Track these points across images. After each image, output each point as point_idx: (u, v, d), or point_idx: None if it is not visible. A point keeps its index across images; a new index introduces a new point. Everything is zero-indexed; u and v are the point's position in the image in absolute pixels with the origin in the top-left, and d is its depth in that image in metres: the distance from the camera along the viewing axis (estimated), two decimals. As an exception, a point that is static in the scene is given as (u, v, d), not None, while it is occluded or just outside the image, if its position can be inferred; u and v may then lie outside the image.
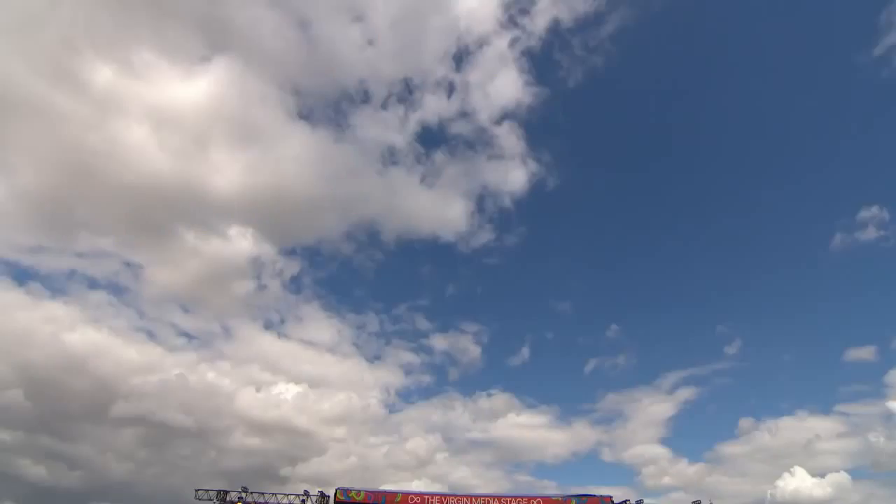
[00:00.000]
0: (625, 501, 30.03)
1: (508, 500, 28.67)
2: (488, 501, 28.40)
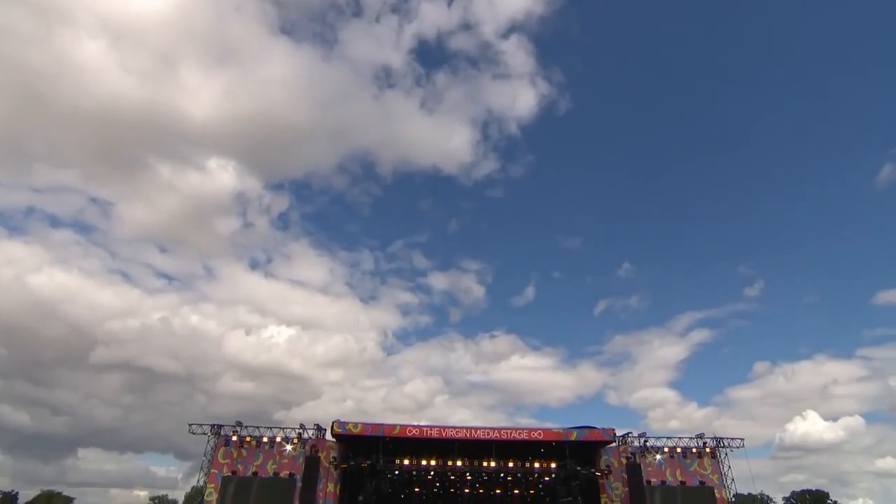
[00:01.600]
0: (627, 433, 32.46)
1: (509, 432, 30.92)
2: (488, 434, 30.65)
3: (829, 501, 64.24)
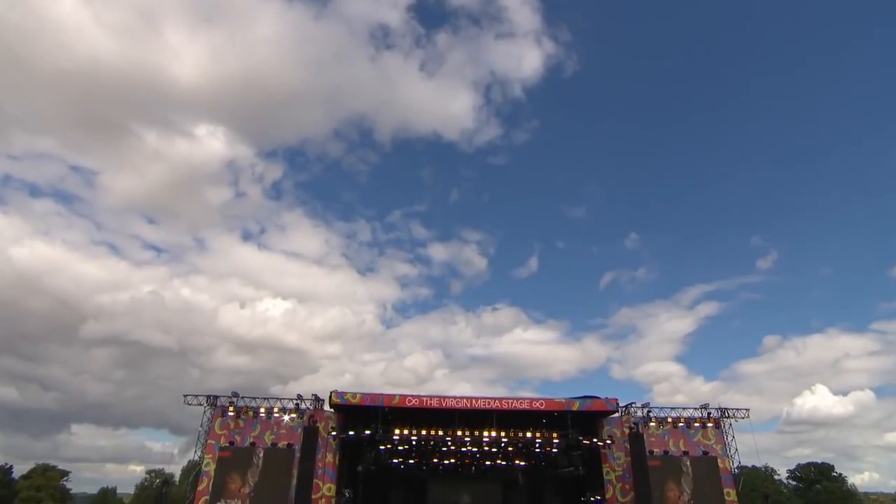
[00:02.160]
0: (630, 403, 33.15)
1: (510, 402, 31.56)
2: (488, 404, 31.28)
3: (834, 474, 65.89)
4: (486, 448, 33.15)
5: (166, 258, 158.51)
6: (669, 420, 33.28)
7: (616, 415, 33.23)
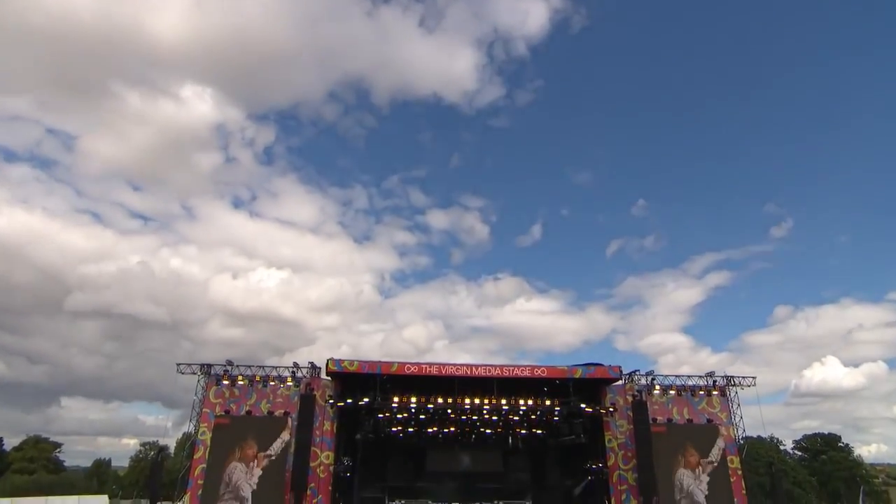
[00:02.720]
0: (634, 371, 33.75)
1: (511, 369, 32.17)
2: (489, 371, 31.89)
3: (841, 444, 67.56)
4: (487, 416, 33.91)
5: (154, 227, 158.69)
6: (674, 388, 33.96)
7: (619, 382, 33.86)
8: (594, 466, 33.52)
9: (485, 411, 32.95)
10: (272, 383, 32.37)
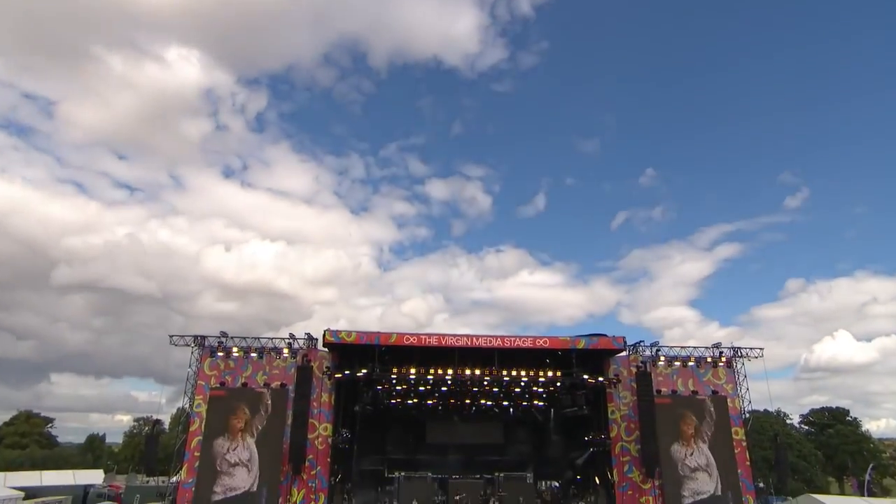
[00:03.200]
0: (639, 342, 34.22)
1: (513, 340, 32.61)
2: (490, 342, 32.32)
3: (849, 418, 68.67)
4: (488, 388, 34.47)
5: (140, 198, 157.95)
6: (679, 359, 34.42)
7: (623, 354, 34.36)
8: (596, 438, 34.22)
9: (485, 383, 33.51)
10: (268, 355, 32.85)
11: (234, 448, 31.03)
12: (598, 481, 34.13)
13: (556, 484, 39.38)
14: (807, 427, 71.36)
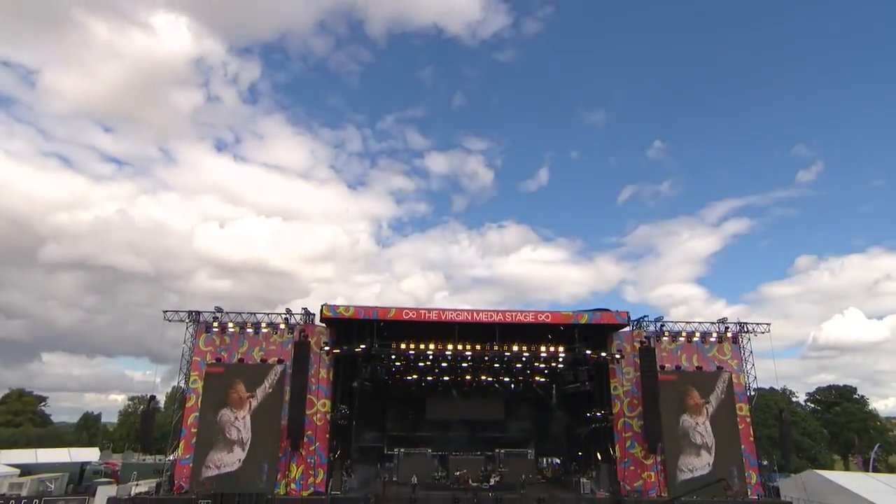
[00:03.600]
0: (643, 317, 34.61)
1: (514, 314, 32.93)
2: (491, 316, 32.66)
3: (856, 396, 69.60)
4: (488, 363, 34.92)
5: (129, 172, 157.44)
6: (683, 335, 34.78)
7: (626, 329, 34.73)
8: (598, 414, 34.78)
9: (486, 358, 33.94)
10: (264, 330, 33.24)
11: (238, 420, 31.60)
12: (599, 457, 34.79)
13: (558, 460, 40.23)
14: (813, 405, 72.38)
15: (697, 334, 34.84)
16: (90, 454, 47.90)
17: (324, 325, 33.51)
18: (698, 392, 33.76)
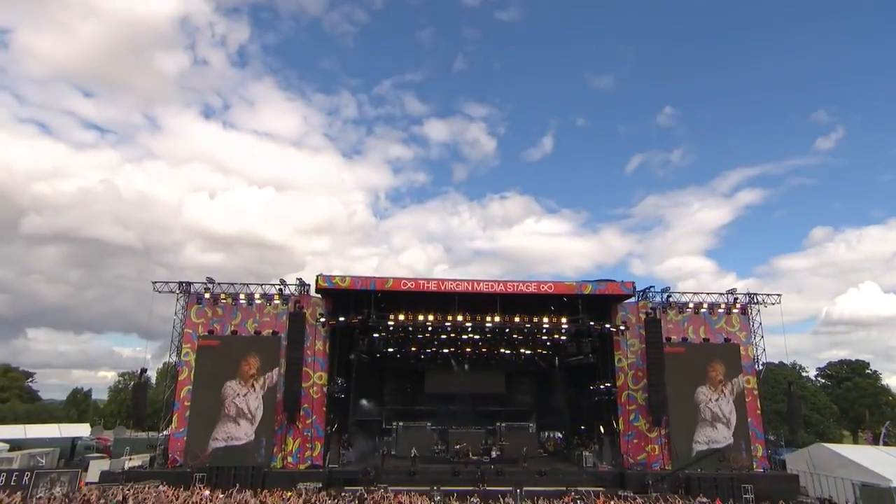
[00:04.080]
0: (648, 287, 34.82)
1: (516, 284, 33.11)
2: (491, 287, 32.85)
3: (868, 371, 70.18)
4: (489, 335, 35.25)
5: (112, 140, 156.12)
6: (691, 306, 35.00)
7: (632, 300, 34.93)
8: (602, 387, 35.22)
9: (487, 330, 34.20)
10: (258, 302, 33.46)
11: (226, 397, 31.98)
12: (602, 430, 35.33)
13: (560, 434, 40.87)
14: (823, 380, 73.05)
15: (705, 305, 35.01)
16: (81, 430, 48.58)
17: (319, 296, 33.74)
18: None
